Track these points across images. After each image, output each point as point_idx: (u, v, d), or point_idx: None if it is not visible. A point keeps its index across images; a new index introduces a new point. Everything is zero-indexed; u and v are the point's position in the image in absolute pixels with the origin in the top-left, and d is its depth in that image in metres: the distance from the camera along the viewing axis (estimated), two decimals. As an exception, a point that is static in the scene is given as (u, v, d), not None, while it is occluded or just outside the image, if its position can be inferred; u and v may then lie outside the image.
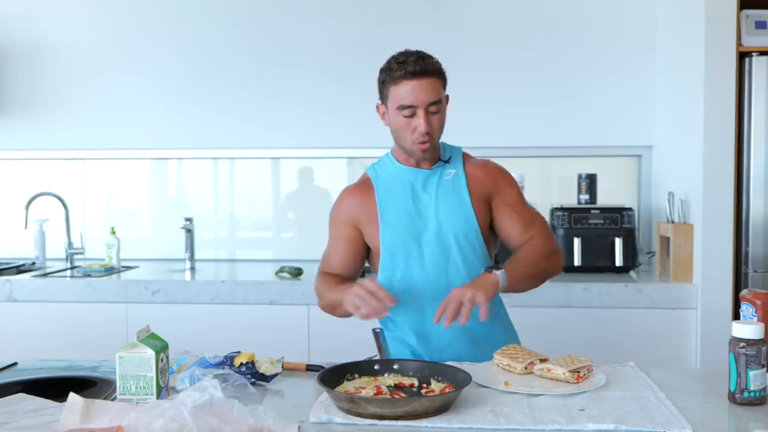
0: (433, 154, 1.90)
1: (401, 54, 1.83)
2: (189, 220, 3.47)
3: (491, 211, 1.93)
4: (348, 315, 1.83)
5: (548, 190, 3.59)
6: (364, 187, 1.97)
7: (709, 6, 2.78)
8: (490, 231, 1.95)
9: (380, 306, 1.70)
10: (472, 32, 3.47)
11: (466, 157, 1.98)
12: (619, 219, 3.16)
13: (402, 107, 1.80)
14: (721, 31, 2.78)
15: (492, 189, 1.92)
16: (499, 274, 1.75)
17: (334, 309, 1.89)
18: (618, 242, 3.13)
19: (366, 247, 1.97)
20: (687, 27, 3.00)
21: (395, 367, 1.61)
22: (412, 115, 1.80)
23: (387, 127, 1.90)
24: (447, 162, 1.93)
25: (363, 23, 3.53)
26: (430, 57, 1.83)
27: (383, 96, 1.86)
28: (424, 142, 1.82)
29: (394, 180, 1.94)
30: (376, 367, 1.61)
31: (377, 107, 1.90)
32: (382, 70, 1.84)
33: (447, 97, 1.88)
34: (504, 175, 1.97)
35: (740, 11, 2.80)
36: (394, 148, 1.95)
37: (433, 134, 1.82)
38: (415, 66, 1.77)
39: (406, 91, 1.79)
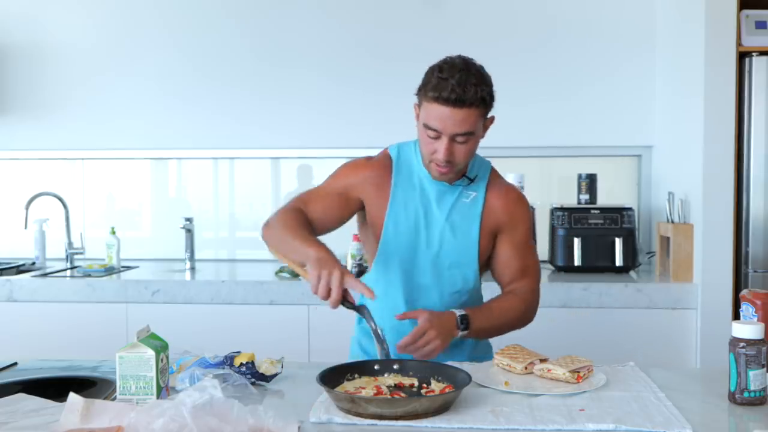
0: (454, 176, 1.80)
1: (449, 66, 1.67)
2: (189, 220, 3.47)
3: (494, 240, 1.87)
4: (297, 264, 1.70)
5: (548, 190, 3.59)
6: (383, 165, 1.87)
7: (709, 6, 2.77)
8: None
9: (337, 303, 1.59)
10: (472, 32, 3.46)
11: (492, 177, 1.88)
12: (619, 219, 3.16)
13: (427, 127, 1.69)
14: (721, 31, 2.77)
15: (504, 224, 1.85)
16: (462, 331, 1.71)
17: (287, 254, 1.72)
18: (618, 242, 3.13)
19: (351, 215, 1.90)
20: (687, 27, 3.00)
21: (395, 367, 1.61)
22: (437, 138, 1.69)
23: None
24: (471, 181, 1.84)
25: (363, 23, 3.53)
26: (475, 83, 1.64)
27: (419, 99, 1.73)
28: (440, 166, 1.73)
29: (412, 175, 1.85)
30: (376, 367, 1.60)
31: (414, 106, 1.77)
32: (426, 74, 1.70)
33: (491, 119, 1.75)
34: (522, 211, 1.88)
35: (740, 11, 2.80)
36: None
37: (454, 163, 1.72)
38: (451, 93, 1.62)
39: (436, 114, 1.66)
